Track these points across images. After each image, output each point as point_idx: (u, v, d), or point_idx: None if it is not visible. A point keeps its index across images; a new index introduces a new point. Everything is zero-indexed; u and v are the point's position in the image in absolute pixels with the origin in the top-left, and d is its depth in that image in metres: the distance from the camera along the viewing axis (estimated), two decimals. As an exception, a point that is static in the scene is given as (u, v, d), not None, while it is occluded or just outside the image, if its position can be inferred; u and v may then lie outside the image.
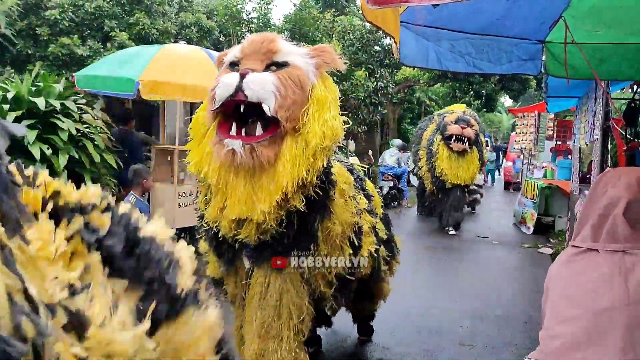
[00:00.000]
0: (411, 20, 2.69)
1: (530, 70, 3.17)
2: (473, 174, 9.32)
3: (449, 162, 9.12)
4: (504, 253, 8.26)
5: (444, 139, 9.19)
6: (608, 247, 1.63)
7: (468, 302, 5.61)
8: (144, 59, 6.25)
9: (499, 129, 45.36)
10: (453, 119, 9.19)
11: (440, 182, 9.32)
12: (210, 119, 2.54)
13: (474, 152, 9.27)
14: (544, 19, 2.93)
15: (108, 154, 6.13)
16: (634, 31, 3.10)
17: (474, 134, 9.12)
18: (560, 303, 1.69)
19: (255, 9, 14.27)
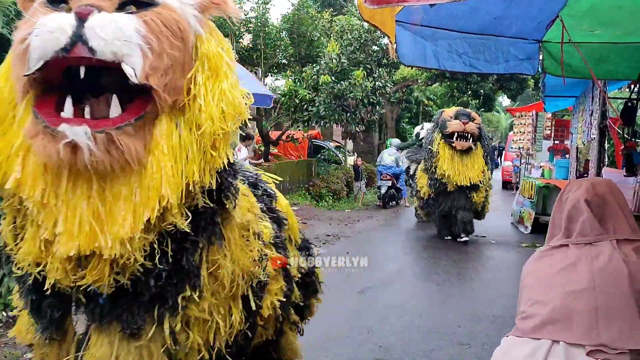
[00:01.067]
0: (408, 20, 2.69)
1: (527, 69, 3.18)
2: (479, 172, 8.36)
3: (452, 162, 8.25)
4: (502, 252, 8.27)
5: (444, 137, 8.36)
6: (577, 241, 1.85)
7: (466, 302, 5.62)
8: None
9: (497, 128, 45.47)
10: (452, 114, 8.44)
11: (440, 184, 8.49)
12: (22, 92, 1.52)
13: (478, 148, 8.43)
14: (541, 19, 2.93)
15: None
16: (632, 31, 3.10)
17: (477, 128, 8.29)
18: (533, 289, 1.87)
19: (254, 8, 14.27)
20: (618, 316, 1.66)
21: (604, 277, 1.70)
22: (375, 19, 2.05)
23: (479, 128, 8.36)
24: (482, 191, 8.71)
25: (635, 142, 6.79)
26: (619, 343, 1.62)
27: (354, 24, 14.63)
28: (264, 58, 14.35)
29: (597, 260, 1.73)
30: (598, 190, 1.87)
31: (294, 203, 12.86)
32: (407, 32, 2.73)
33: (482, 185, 8.61)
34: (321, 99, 12.80)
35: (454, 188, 8.33)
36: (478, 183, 8.39)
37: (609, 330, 1.64)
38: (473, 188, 8.45)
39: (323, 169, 15.72)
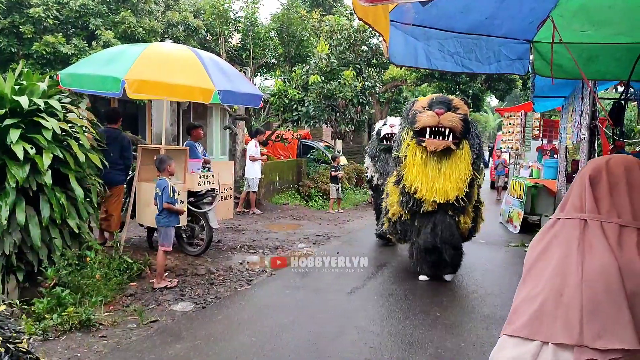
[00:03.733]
0: (400, 19, 2.67)
1: (518, 69, 3.18)
2: (462, 183, 5.84)
3: (424, 170, 5.90)
4: (491, 252, 8.30)
5: (415, 135, 6.01)
6: (567, 215, 1.77)
7: (456, 301, 5.63)
8: (129, 57, 6.16)
9: (485, 128, 45.68)
10: (426, 103, 5.95)
11: (414, 202, 6.05)
12: None
13: (464, 149, 5.89)
14: (532, 19, 2.93)
15: (93, 153, 6.05)
16: (622, 31, 3.12)
17: (460, 121, 5.78)
18: (525, 279, 1.86)
19: (243, 8, 14.19)
20: (602, 314, 1.58)
21: (592, 270, 1.63)
22: (368, 16, 2.03)
23: (464, 120, 5.84)
24: (469, 211, 6.24)
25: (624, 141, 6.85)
26: (600, 342, 1.55)
27: (344, 24, 14.62)
28: (253, 58, 14.29)
29: (586, 249, 1.67)
30: (610, 167, 1.74)
31: (283, 203, 12.85)
32: (398, 31, 2.72)
33: (469, 203, 6.13)
34: (310, 99, 12.78)
35: (433, 208, 5.98)
36: (461, 200, 5.91)
37: (591, 328, 1.57)
38: (455, 207, 6.01)
39: (312, 169, 15.70)
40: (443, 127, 5.72)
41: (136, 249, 7.25)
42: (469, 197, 6.02)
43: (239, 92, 6.54)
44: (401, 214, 6.35)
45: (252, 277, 6.41)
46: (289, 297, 5.70)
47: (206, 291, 5.80)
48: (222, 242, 8.23)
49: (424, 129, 5.83)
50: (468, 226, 6.35)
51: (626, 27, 3.09)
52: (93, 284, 5.38)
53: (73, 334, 4.49)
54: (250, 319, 5.01)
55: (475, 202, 6.41)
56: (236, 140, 15.61)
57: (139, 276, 6.11)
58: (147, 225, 6.99)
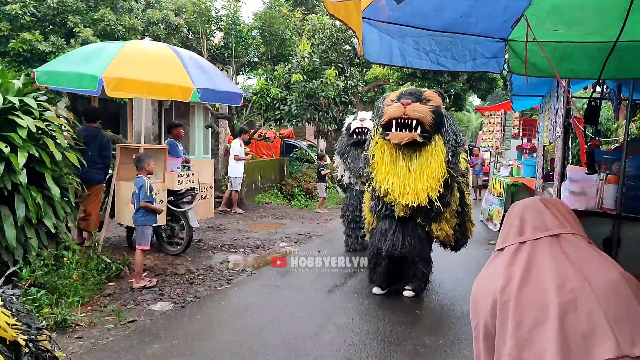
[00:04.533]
0: (374, 17, 2.67)
1: (493, 68, 3.20)
2: (434, 182, 5.12)
3: (393, 168, 5.28)
4: (471, 249, 8.32)
5: (382, 130, 5.41)
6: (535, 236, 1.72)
7: (435, 300, 5.66)
8: (108, 55, 6.11)
9: (467, 127, 46.01)
10: (395, 96, 5.42)
11: (385, 207, 5.45)
12: None
13: (437, 144, 5.21)
14: (507, 17, 2.96)
15: (70, 152, 5.97)
16: (594, 30, 3.15)
17: (430, 112, 5.12)
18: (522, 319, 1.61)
19: (225, 6, 14.13)
20: (627, 322, 1.48)
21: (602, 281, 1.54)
22: (340, 13, 2.03)
23: (435, 112, 5.18)
24: (447, 218, 5.56)
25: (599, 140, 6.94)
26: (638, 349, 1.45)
27: (326, 23, 14.60)
28: (235, 56, 14.23)
29: (581, 261, 1.59)
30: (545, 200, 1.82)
31: (266, 202, 12.81)
32: (373, 29, 2.72)
33: (445, 207, 5.38)
34: (293, 98, 12.75)
35: (405, 213, 5.31)
36: (435, 202, 5.15)
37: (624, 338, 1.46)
38: (427, 213, 5.32)
39: (295, 168, 15.69)
40: (409, 118, 5.08)
41: (115, 249, 7.17)
42: (444, 201, 5.28)
43: (219, 90, 6.51)
44: (372, 221, 5.74)
45: (233, 276, 6.39)
46: (269, 296, 5.68)
47: (186, 290, 5.76)
48: (203, 241, 8.18)
49: (390, 122, 5.20)
50: (446, 234, 5.61)
51: (597, 26, 3.13)
52: (70, 284, 5.31)
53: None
54: (230, 318, 4.99)
55: (459, 206, 5.73)
56: (218, 139, 15.54)
57: (117, 276, 6.05)
58: (127, 224, 6.91)
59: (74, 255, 5.85)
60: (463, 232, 6.03)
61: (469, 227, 6.19)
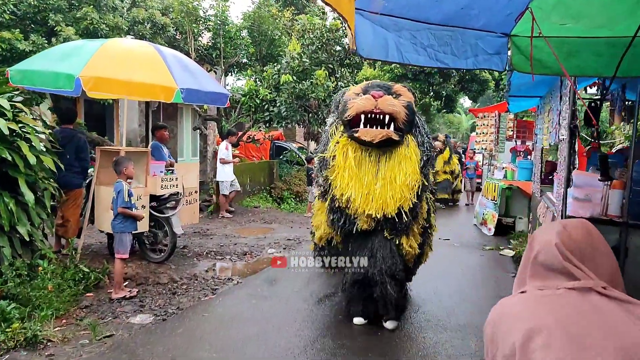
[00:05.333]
0: (367, 8, 2.42)
1: (496, 65, 2.95)
2: (407, 188, 4.35)
3: (358, 171, 4.43)
4: (466, 255, 8.12)
5: (346, 128, 4.57)
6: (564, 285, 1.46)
7: (430, 310, 5.40)
8: (86, 53, 5.81)
9: (458, 129, 45.98)
10: (359, 89, 4.61)
11: (346, 219, 4.55)
12: None
13: (409, 146, 4.47)
14: (510, 10, 2.71)
15: (46, 155, 5.67)
16: (602, 24, 2.92)
17: (403, 107, 4.38)
18: None
19: (213, 6, 13.85)
20: None
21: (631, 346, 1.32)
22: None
23: (408, 109, 4.43)
24: (416, 232, 4.75)
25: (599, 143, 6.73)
26: None
27: (316, 23, 14.35)
28: (223, 57, 13.94)
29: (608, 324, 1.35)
30: (573, 234, 1.50)
31: (254, 206, 12.52)
32: (366, 21, 2.46)
33: (415, 220, 4.64)
34: (282, 99, 12.50)
35: (369, 225, 4.48)
36: (405, 214, 4.39)
37: None
38: (395, 225, 4.47)
39: (285, 170, 15.41)
40: (382, 112, 4.27)
41: (96, 256, 6.87)
42: (415, 212, 4.53)
43: (204, 91, 6.23)
44: (331, 236, 4.82)
45: (218, 285, 6.09)
46: (255, 307, 5.40)
47: (168, 302, 5.46)
48: (188, 247, 7.88)
49: (357, 117, 4.37)
50: (414, 252, 4.76)
51: (606, 20, 2.89)
52: (44, 295, 5.01)
53: (17, 353, 4.12)
54: (213, 332, 4.70)
55: (425, 222, 4.90)
56: (207, 142, 15.23)
57: (96, 286, 5.75)
58: (107, 231, 6.60)
59: (49, 264, 5.56)
60: (421, 254, 5.06)
61: (426, 252, 5.29)
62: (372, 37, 2.51)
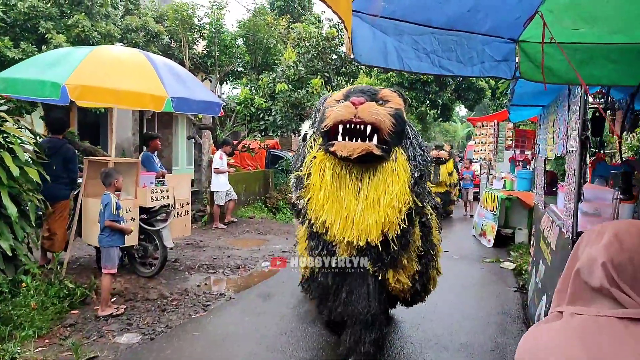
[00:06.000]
0: (366, 10, 2.22)
1: (504, 72, 2.75)
2: (396, 212, 3.69)
3: (336, 191, 3.83)
4: (466, 268, 7.91)
5: (323, 140, 3.96)
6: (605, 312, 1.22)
7: (430, 328, 5.17)
8: (73, 60, 5.60)
9: (454, 138, 45.96)
10: (341, 95, 4.00)
11: (324, 246, 4.02)
12: None
13: (397, 160, 3.82)
14: (519, 13, 2.52)
15: (31, 166, 5.46)
16: (619, 29, 2.73)
17: (389, 116, 3.72)
18: None
19: (208, 14, 13.68)
20: None
21: None
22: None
23: (396, 118, 3.78)
24: (406, 264, 4.04)
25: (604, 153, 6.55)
26: None
27: (312, 31, 14.20)
28: (218, 65, 13.77)
29: None
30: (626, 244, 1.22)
31: (249, 217, 12.30)
32: (365, 24, 2.26)
33: (405, 249, 3.94)
34: (278, 108, 12.31)
35: (350, 254, 3.91)
36: (392, 242, 3.74)
37: None
38: (380, 256, 3.83)
39: (281, 180, 15.19)
40: (362, 122, 3.64)
41: (84, 270, 6.64)
42: (405, 240, 3.86)
43: (195, 100, 6.02)
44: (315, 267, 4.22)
45: (209, 301, 5.85)
46: (248, 325, 5.16)
47: (156, 319, 5.22)
48: (180, 260, 7.64)
49: (335, 127, 3.73)
50: (404, 286, 4.09)
51: (623, 24, 2.71)
52: (26, 314, 4.79)
53: (-6, 377, 3.88)
54: (203, 352, 4.47)
55: (422, 246, 4.24)
56: (202, 151, 15.02)
57: (82, 302, 5.52)
58: (95, 244, 6.37)
59: (33, 280, 5.33)
60: (424, 283, 4.47)
61: (433, 277, 4.67)
62: (371, 42, 2.31)
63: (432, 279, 4.68)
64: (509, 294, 6.46)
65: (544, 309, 4.12)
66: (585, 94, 3.18)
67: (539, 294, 4.69)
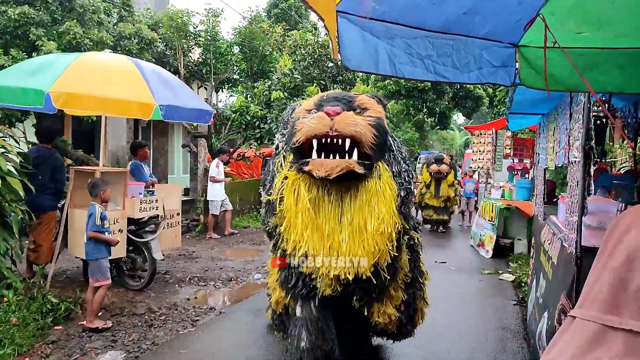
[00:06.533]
0: (354, 11, 2.05)
1: (503, 79, 2.59)
2: (386, 238, 3.22)
3: (315, 219, 3.29)
4: (464, 280, 7.71)
5: (295, 156, 3.44)
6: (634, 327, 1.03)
7: (427, 344, 4.96)
8: (59, 67, 5.44)
9: (451, 146, 45.87)
10: (312, 104, 3.48)
11: (301, 281, 3.52)
12: None
13: (382, 177, 3.35)
14: (520, 16, 2.36)
15: (14, 177, 5.28)
16: (626, 32, 2.57)
17: (370, 127, 3.24)
18: None
19: (203, 21, 13.55)
20: None
21: None
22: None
23: (378, 129, 3.31)
24: (392, 294, 3.67)
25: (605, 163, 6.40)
26: None
27: (308, 39, 14.09)
28: (214, 73, 13.63)
29: None
30: None
31: (243, 226, 12.11)
32: (354, 27, 2.10)
33: (393, 276, 3.52)
34: (273, 116, 12.17)
35: (335, 291, 3.39)
36: (382, 271, 3.32)
37: None
38: (367, 289, 3.41)
39: (276, 188, 15.00)
40: (340, 136, 3.11)
41: (70, 284, 6.45)
42: (393, 268, 3.42)
43: (185, 108, 5.85)
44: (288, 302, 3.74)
45: (199, 316, 5.65)
46: (238, 341, 4.96)
47: (143, 335, 5.02)
48: (170, 272, 7.43)
49: (308, 142, 3.20)
50: (389, 319, 3.65)
51: (630, 27, 2.55)
52: (6, 330, 4.59)
53: (-33, 400, 3.68)
54: (190, 372, 4.27)
55: (408, 274, 3.81)
56: (197, 159, 14.84)
57: (67, 317, 5.31)
58: (82, 257, 6.17)
59: (16, 294, 5.14)
60: (410, 315, 3.97)
61: (420, 309, 4.19)
62: (360, 46, 2.14)
63: (420, 311, 4.20)
64: (509, 308, 6.27)
65: (546, 326, 3.94)
66: (589, 102, 3.02)
67: (540, 310, 4.51)
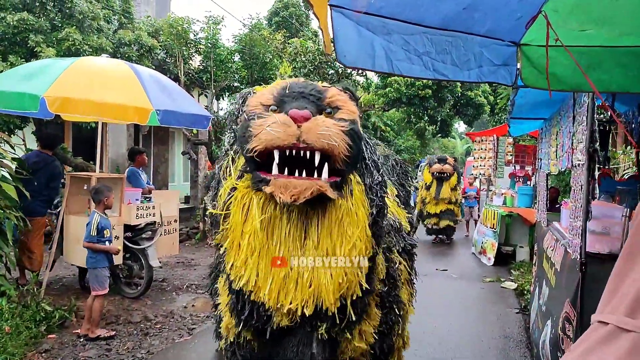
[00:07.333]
0: (349, 5, 1.98)
1: (504, 78, 2.51)
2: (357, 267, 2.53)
3: (268, 242, 2.50)
4: (466, 288, 7.61)
5: (248, 164, 2.52)
6: None
7: (428, 354, 4.86)
8: (54, 71, 5.38)
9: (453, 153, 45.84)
10: (270, 97, 2.53)
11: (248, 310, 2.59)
12: None
13: (354, 192, 2.58)
14: (521, 13, 2.29)
15: (8, 183, 5.21)
16: (630, 31, 2.50)
17: (344, 135, 2.35)
18: None
19: (204, 29, 13.53)
20: None
21: None
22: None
23: (351, 135, 2.40)
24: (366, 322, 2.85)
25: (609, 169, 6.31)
26: None
27: (308, 46, 14.07)
28: (214, 80, 13.58)
29: None
30: None
31: (243, 234, 11.99)
32: (349, 21, 2.02)
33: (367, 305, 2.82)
34: (273, 123, 12.08)
35: (292, 322, 2.58)
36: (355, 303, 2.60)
37: None
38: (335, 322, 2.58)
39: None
40: (309, 148, 2.33)
41: (66, 291, 6.37)
42: (363, 303, 2.71)
43: (182, 113, 5.79)
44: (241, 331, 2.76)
45: (195, 324, 5.56)
46: (234, 350, 4.86)
47: (138, 344, 4.92)
48: (168, 280, 7.34)
49: (267, 152, 2.38)
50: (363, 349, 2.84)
51: (635, 25, 2.48)
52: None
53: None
54: (184, 382, 4.17)
55: (386, 302, 3.06)
56: (197, 167, 14.79)
57: (61, 325, 5.22)
58: (77, 264, 6.09)
59: (9, 302, 5.05)
60: (387, 347, 3.13)
61: (397, 342, 3.37)
62: (356, 41, 2.07)
63: (397, 351, 3.43)
64: (511, 316, 6.16)
65: (549, 335, 3.84)
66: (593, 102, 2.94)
67: (543, 318, 4.41)
